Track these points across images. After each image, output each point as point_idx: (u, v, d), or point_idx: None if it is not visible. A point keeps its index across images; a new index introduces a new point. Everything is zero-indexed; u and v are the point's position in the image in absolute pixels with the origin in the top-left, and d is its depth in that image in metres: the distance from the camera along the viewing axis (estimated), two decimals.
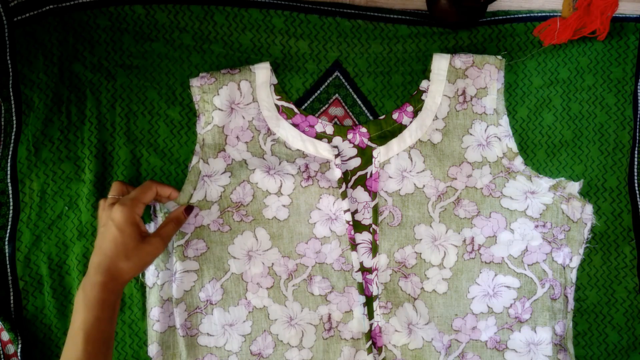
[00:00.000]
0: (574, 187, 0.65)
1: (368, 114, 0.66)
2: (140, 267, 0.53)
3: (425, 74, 0.66)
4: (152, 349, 0.60)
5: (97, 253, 0.52)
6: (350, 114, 0.66)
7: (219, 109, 0.62)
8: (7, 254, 0.60)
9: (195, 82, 0.62)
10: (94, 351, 0.48)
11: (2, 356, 0.59)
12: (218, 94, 0.62)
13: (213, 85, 0.62)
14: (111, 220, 0.52)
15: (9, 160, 0.60)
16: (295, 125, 0.64)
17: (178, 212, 0.58)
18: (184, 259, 0.60)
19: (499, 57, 0.65)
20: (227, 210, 0.61)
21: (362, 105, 0.66)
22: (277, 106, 0.64)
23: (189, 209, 0.59)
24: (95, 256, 0.52)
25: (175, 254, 0.60)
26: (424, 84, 0.66)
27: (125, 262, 0.51)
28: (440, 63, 0.65)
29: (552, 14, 0.68)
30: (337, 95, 0.66)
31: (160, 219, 0.60)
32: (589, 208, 0.64)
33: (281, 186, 0.62)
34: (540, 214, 0.64)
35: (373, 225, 0.63)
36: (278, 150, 0.63)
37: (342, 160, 0.64)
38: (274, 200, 0.62)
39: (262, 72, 0.63)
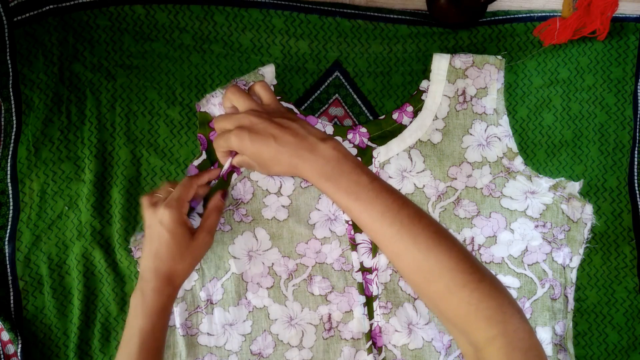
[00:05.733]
0: (574, 187, 0.65)
1: (368, 114, 0.66)
2: (193, 265, 0.54)
3: (425, 74, 0.66)
4: None
5: (150, 257, 0.52)
6: (350, 114, 0.66)
7: None
8: (7, 254, 0.60)
9: (214, 112, 0.61)
10: (148, 359, 0.50)
11: (2, 356, 0.59)
12: None
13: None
14: (160, 224, 0.51)
15: (9, 160, 0.60)
16: None
17: (216, 201, 0.57)
18: None
19: (499, 57, 0.65)
20: (228, 208, 0.61)
21: (362, 105, 0.66)
22: None
23: (224, 194, 0.58)
24: (149, 261, 0.52)
25: None
26: (424, 84, 0.66)
27: (181, 264, 0.52)
28: (440, 63, 0.65)
29: (552, 14, 0.68)
30: (337, 95, 0.66)
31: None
32: (589, 208, 0.64)
33: (281, 187, 0.62)
34: (540, 214, 0.64)
35: None
36: None
37: None
38: (274, 200, 0.62)
39: (269, 75, 0.63)
